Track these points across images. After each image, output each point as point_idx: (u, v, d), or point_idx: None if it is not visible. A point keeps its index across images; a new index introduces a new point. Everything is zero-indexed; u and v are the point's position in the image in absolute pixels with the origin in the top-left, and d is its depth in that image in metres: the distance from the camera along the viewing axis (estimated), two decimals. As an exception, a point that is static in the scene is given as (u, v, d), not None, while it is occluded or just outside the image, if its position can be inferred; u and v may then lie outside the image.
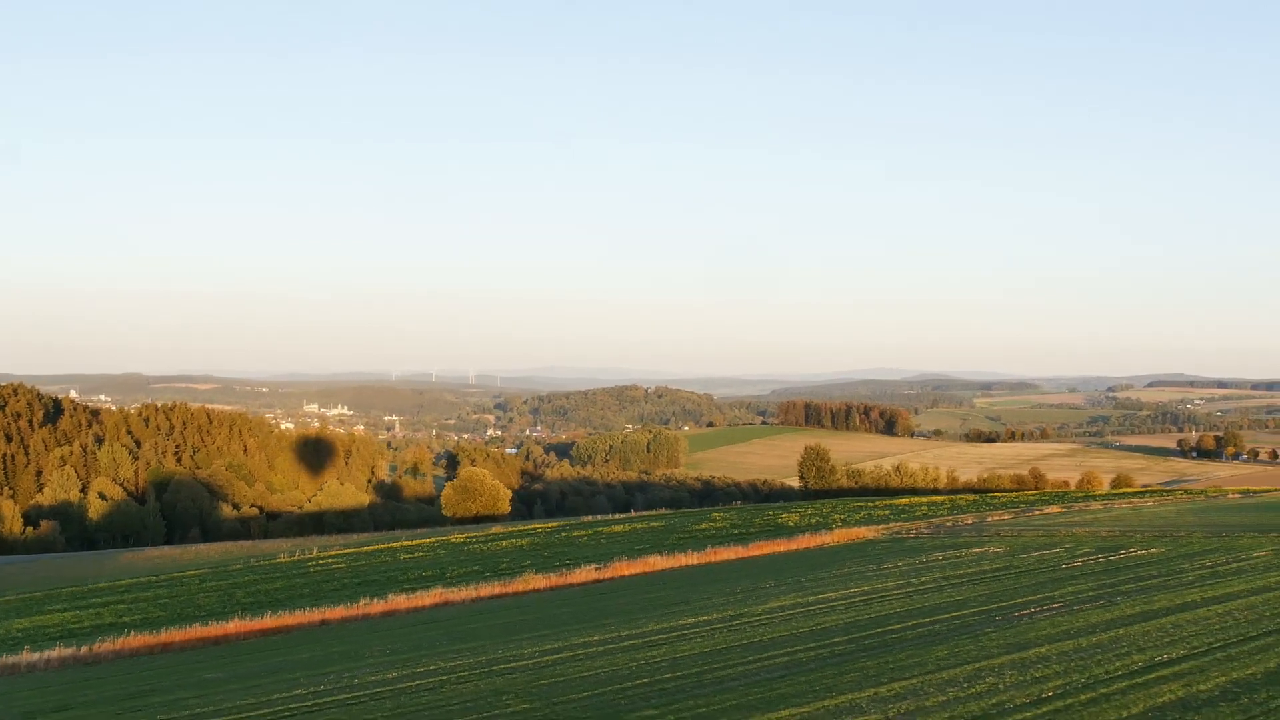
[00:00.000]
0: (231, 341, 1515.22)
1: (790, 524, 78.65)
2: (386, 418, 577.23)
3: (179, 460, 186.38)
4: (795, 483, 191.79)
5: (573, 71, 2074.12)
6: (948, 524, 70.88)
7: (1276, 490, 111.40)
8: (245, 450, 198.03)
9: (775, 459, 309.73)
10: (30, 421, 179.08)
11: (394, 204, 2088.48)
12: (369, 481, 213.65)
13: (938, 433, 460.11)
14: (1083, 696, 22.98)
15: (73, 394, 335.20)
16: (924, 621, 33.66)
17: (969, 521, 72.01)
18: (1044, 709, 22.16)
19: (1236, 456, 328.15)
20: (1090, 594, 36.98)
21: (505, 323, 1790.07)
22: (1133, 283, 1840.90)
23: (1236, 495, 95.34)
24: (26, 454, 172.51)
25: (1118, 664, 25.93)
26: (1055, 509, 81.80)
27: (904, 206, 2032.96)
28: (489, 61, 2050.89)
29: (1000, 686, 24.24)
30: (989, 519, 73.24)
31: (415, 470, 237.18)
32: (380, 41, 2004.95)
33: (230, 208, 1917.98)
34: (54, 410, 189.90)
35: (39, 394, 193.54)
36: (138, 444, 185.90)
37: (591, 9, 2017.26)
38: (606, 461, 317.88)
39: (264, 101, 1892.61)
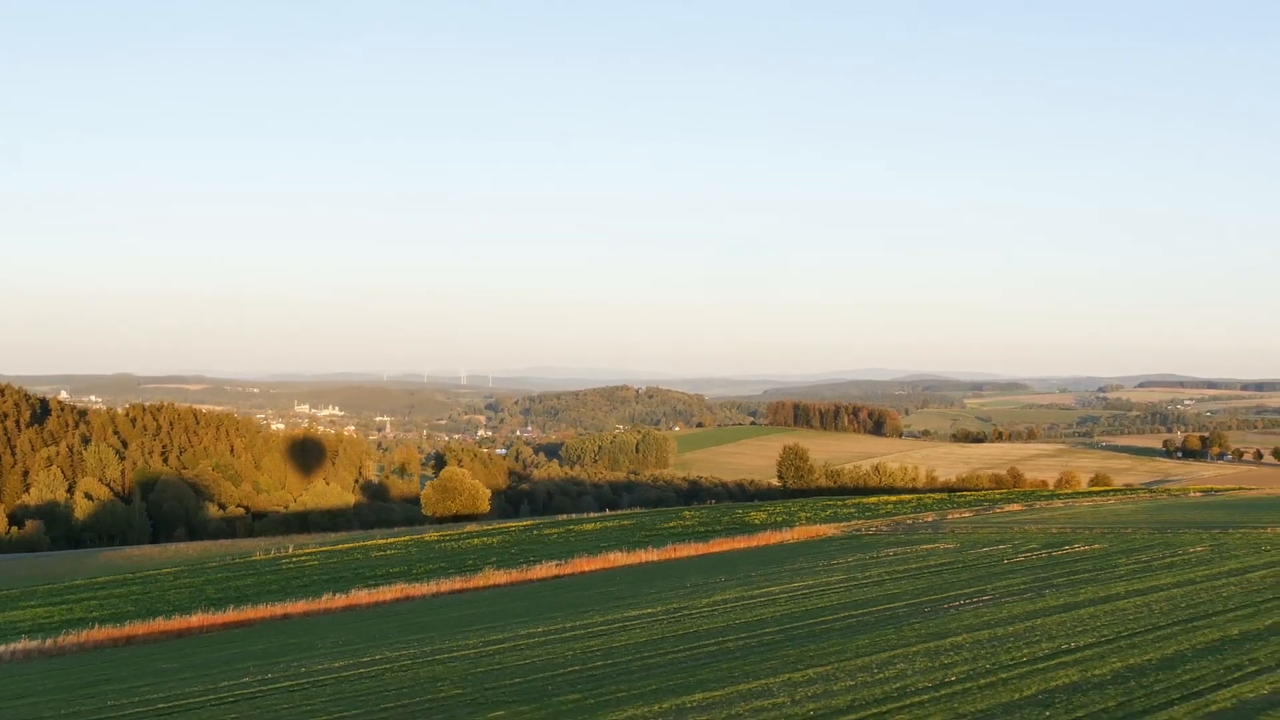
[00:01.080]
0: (224, 342, 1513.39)
1: (755, 522, 79.98)
2: (378, 418, 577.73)
3: (165, 460, 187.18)
4: (779, 483, 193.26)
5: (573, 71, 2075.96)
6: (908, 522, 72.23)
7: (1239, 489, 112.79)
8: (232, 450, 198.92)
9: (763, 459, 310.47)
10: (17, 422, 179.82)
11: (391, 204, 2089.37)
12: (356, 482, 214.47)
13: (926, 433, 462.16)
14: (982, 681, 24.19)
15: (63, 395, 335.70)
16: (855, 613, 34.89)
17: (929, 519, 73.36)
18: (943, 691, 23.37)
19: (1221, 456, 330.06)
20: (1021, 587, 38.19)
21: (502, 323, 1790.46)
22: (1125, 284, 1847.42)
23: (1198, 494, 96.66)
24: (13, 454, 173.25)
25: (1025, 651, 27.14)
26: (1016, 507, 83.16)
27: (900, 207, 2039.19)
28: (489, 61, 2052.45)
29: (908, 672, 25.44)
30: (949, 517, 74.62)
31: (402, 470, 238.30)
32: (380, 41, 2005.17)
33: (225, 208, 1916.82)
34: (41, 410, 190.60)
35: (26, 394, 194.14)
36: (124, 444, 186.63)
37: (591, 9, 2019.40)
38: (595, 462, 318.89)
39: (264, 101, 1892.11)
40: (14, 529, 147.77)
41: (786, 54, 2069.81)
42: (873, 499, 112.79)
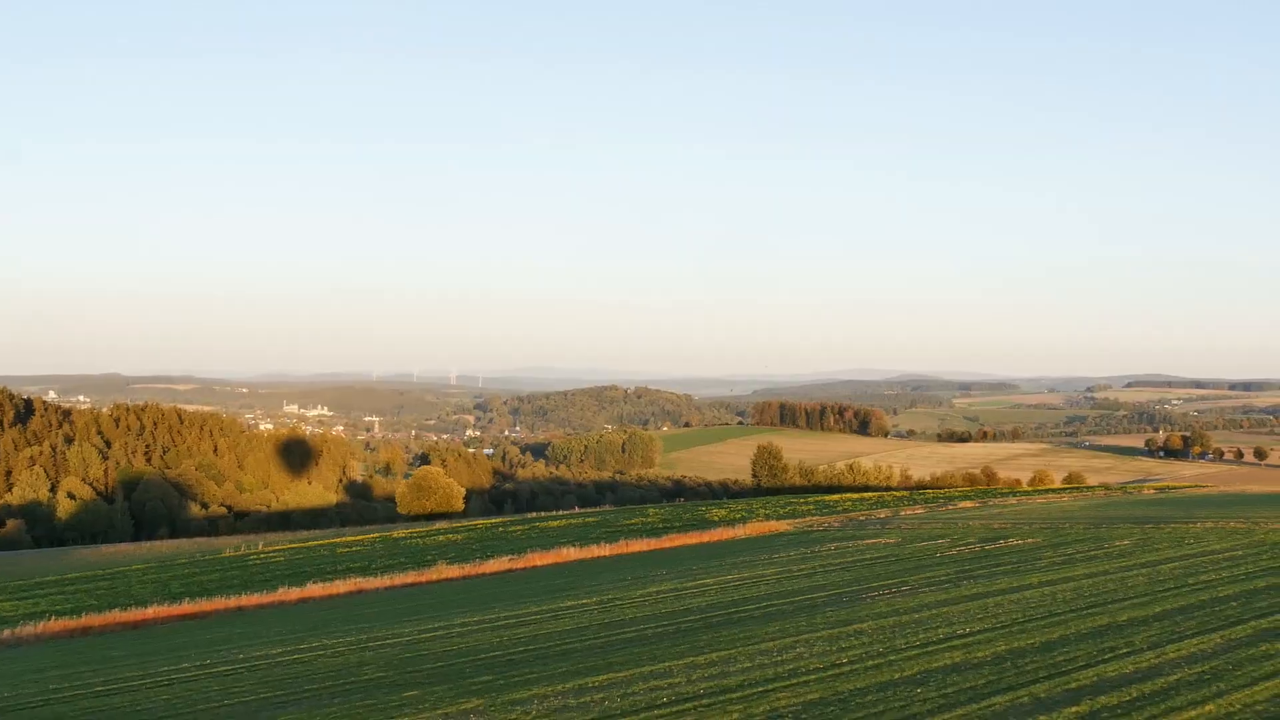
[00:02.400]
0: (214, 342, 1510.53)
1: (714, 519, 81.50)
2: (366, 418, 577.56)
3: (149, 460, 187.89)
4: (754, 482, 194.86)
5: (572, 72, 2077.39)
6: (860, 518, 73.80)
7: (1195, 487, 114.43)
8: (216, 450, 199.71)
9: (746, 459, 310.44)
10: (0, 422, 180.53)
11: (384, 204, 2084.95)
12: (339, 481, 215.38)
13: (912, 433, 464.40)
14: (870, 663, 25.68)
15: (50, 395, 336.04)
16: (777, 603, 36.35)
17: (882, 515, 74.96)
18: (830, 672, 24.85)
19: (1203, 456, 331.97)
20: (943, 578, 39.67)
21: (494, 323, 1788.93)
22: (1115, 284, 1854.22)
23: (1152, 491, 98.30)
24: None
25: (921, 636, 28.62)
26: (969, 504, 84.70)
27: (895, 208, 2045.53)
28: (488, 62, 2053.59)
29: (805, 655, 26.92)
30: (903, 513, 76.27)
31: (387, 470, 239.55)
32: (374, 42, 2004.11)
33: (218, 209, 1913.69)
34: (25, 410, 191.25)
35: (10, 394, 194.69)
36: (108, 444, 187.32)
37: (591, 9, 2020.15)
38: (582, 461, 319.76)
39: (257, 103, 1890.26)
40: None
41: (781, 55, 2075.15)
42: (834, 496, 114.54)
